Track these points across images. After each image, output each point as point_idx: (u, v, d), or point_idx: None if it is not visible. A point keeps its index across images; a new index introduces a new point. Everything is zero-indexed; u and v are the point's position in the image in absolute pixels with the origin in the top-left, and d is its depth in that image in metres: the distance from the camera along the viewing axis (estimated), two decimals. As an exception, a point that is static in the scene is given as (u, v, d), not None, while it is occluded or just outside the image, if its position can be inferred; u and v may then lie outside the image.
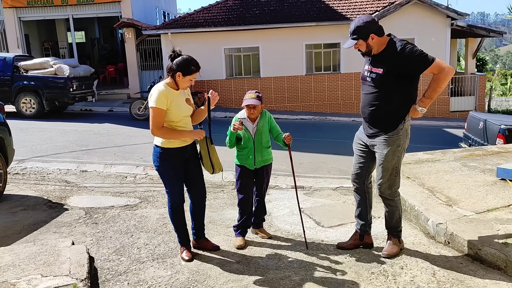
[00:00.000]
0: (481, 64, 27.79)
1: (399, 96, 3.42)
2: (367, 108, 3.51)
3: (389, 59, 3.37)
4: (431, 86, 3.38)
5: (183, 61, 3.43)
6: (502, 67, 66.39)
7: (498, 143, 8.01)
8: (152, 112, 3.41)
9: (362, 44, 3.41)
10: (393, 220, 3.64)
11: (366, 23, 3.35)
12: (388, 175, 3.51)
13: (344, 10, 17.22)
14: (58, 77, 13.10)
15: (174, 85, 3.49)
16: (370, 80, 3.48)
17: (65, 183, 6.59)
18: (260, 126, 3.92)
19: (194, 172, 3.72)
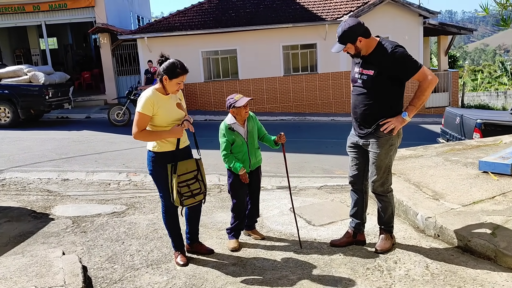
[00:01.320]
0: (452, 61, 28.50)
1: (390, 97, 3.48)
2: (359, 109, 3.56)
3: (380, 61, 3.42)
4: (416, 94, 3.45)
5: (169, 64, 3.43)
6: (471, 63, 68.24)
7: (475, 137, 8.22)
8: (137, 116, 3.45)
9: (351, 47, 3.46)
10: (386, 216, 3.71)
11: (352, 27, 3.40)
12: (381, 173, 3.57)
13: (319, 11, 17.41)
14: (33, 84, 12.81)
15: (163, 90, 3.49)
16: (361, 82, 3.52)
17: (48, 192, 6.45)
18: (250, 128, 3.93)
19: None
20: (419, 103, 3.46)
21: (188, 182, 3.54)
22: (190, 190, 3.55)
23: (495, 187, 4.60)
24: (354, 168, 3.75)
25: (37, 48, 20.96)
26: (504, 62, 38.80)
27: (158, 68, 3.47)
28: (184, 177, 3.52)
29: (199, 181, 3.61)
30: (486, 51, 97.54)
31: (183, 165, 3.54)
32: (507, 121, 8.49)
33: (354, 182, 3.79)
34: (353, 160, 3.75)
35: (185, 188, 3.53)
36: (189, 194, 3.54)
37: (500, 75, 36.38)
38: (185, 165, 3.55)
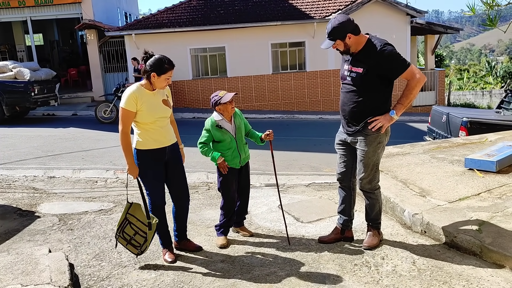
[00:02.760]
0: (439, 60, 28.79)
1: (378, 96, 3.49)
2: (348, 106, 3.57)
3: (369, 59, 3.42)
4: (404, 92, 3.47)
5: (156, 60, 3.40)
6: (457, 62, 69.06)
7: (461, 135, 8.32)
8: (120, 112, 3.45)
9: (340, 44, 3.46)
10: (374, 212, 3.73)
11: (342, 23, 3.40)
12: (369, 171, 3.60)
13: (307, 9, 17.44)
14: (18, 81, 12.63)
15: (149, 86, 3.47)
16: (350, 80, 3.53)
17: (33, 190, 6.37)
18: (238, 123, 3.94)
19: (175, 174, 3.66)
20: (407, 102, 3.48)
21: (138, 231, 3.52)
22: (132, 237, 3.53)
23: (481, 184, 4.67)
24: (342, 165, 3.77)
25: (23, 44, 20.67)
26: (490, 62, 39.35)
27: (144, 66, 3.44)
28: (138, 223, 3.52)
29: (145, 241, 3.52)
30: (472, 50, 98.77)
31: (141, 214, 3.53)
32: (492, 120, 8.62)
33: (342, 179, 3.81)
34: (341, 157, 3.77)
35: (130, 230, 3.53)
36: (128, 237, 3.54)
37: (485, 75, 36.89)
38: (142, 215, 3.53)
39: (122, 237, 3.56)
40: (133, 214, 3.55)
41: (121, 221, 3.56)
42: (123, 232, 3.55)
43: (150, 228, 3.50)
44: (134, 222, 3.53)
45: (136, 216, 3.54)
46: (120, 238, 3.58)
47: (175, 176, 3.67)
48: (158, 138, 3.53)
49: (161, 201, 3.63)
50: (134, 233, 3.52)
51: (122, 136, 3.45)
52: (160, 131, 3.54)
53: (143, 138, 3.50)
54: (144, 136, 3.50)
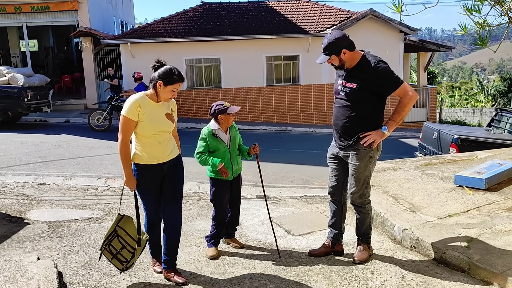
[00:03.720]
0: (431, 77, 29.14)
1: (371, 111, 3.54)
2: (341, 121, 3.62)
3: (363, 75, 3.48)
4: (396, 109, 3.52)
5: (165, 70, 3.28)
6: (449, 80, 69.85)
7: (451, 152, 8.41)
8: (121, 120, 3.29)
9: (335, 59, 3.52)
10: (364, 227, 3.76)
11: (337, 39, 3.46)
12: (360, 185, 3.63)
13: (303, 23, 17.63)
14: (11, 86, 12.58)
15: (154, 97, 3.33)
16: (343, 95, 3.58)
17: (23, 196, 6.32)
18: (233, 135, 3.98)
19: (168, 190, 3.45)
20: (399, 118, 3.53)
21: (125, 245, 3.35)
22: (118, 251, 3.36)
23: (470, 201, 4.72)
24: (333, 179, 3.80)
25: (17, 49, 20.62)
26: (481, 80, 39.88)
27: (153, 74, 3.31)
28: (127, 237, 3.35)
29: (132, 257, 3.36)
30: (463, 68, 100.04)
31: (132, 228, 3.37)
32: (482, 138, 8.72)
33: (333, 193, 3.84)
34: (333, 171, 3.80)
35: (118, 244, 3.37)
36: (114, 251, 3.37)
37: (476, 93, 37.36)
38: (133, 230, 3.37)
39: (108, 250, 3.39)
40: (123, 227, 3.38)
41: (109, 234, 3.39)
42: (109, 245, 3.38)
43: (139, 244, 3.35)
44: (123, 235, 3.36)
45: (126, 229, 3.37)
46: (105, 251, 3.39)
47: (168, 192, 3.45)
48: (155, 155, 3.36)
49: (154, 218, 3.50)
50: (122, 247, 3.36)
51: (121, 145, 3.28)
52: (158, 147, 3.36)
53: (140, 152, 3.34)
54: (141, 150, 3.34)
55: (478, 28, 4.72)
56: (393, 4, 4.41)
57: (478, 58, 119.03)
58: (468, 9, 4.34)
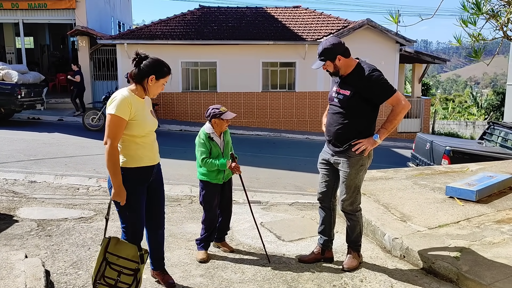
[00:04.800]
0: (425, 89, 29.36)
1: (364, 119, 3.56)
2: (333, 127, 3.63)
3: (357, 82, 3.51)
4: (388, 118, 3.55)
5: (155, 62, 3.01)
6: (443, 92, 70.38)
7: (443, 163, 8.46)
8: (110, 120, 2.89)
9: (330, 65, 3.54)
10: (354, 234, 3.76)
11: (333, 45, 3.49)
12: (351, 193, 3.64)
13: (300, 31, 17.70)
14: (5, 83, 12.49)
15: (141, 93, 3.03)
16: (337, 101, 3.60)
17: (13, 193, 6.27)
18: (227, 140, 3.99)
19: (156, 197, 3.24)
20: (391, 127, 3.55)
21: (121, 270, 2.91)
22: (116, 279, 2.90)
23: (460, 212, 4.74)
24: (323, 185, 3.81)
25: (13, 46, 20.51)
26: (475, 94, 40.23)
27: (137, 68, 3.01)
28: (123, 261, 2.93)
29: (134, 279, 2.95)
30: (457, 81, 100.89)
31: (128, 249, 2.96)
32: (474, 150, 8.78)
33: (322, 199, 3.85)
34: (323, 176, 3.81)
35: (112, 273, 2.89)
36: (111, 282, 2.89)
37: (469, 106, 37.67)
38: (130, 250, 2.96)
39: (105, 283, 2.89)
40: (113, 252, 2.92)
41: (99, 265, 2.88)
42: (103, 278, 2.88)
43: (142, 261, 2.98)
44: (115, 261, 2.91)
45: (117, 253, 2.92)
46: (101, 286, 2.88)
47: (156, 199, 3.24)
48: (149, 154, 3.09)
49: (143, 227, 3.17)
50: (118, 274, 2.91)
51: (110, 151, 2.86)
52: (151, 146, 3.12)
53: (133, 153, 3.01)
54: (134, 151, 3.01)
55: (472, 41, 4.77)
56: (390, 14, 4.45)
57: (472, 72, 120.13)
58: (464, 21, 4.39)
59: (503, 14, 4.61)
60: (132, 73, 3.03)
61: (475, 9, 4.30)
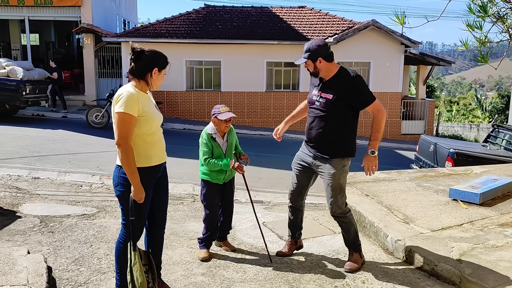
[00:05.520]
0: (430, 91, 29.26)
1: (344, 123, 3.62)
2: (315, 130, 3.67)
3: (339, 86, 3.56)
4: (375, 127, 3.61)
5: (155, 54, 2.98)
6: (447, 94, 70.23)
7: (447, 166, 8.43)
8: (120, 119, 2.82)
9: (310, 65, 3.60)
10: (351, 236, 3.78)
11: (317, 46, 3.56)
12: (337, 194, 3.66)
13: (305, 31, 17.68)
14: (10, 79, 12.56)
15: (145, 88, 2.99)
16: (318, 105, 3.64)
17: (16, 189, 6.29)
18: (230, 141, 3.95)
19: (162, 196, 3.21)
20: (380, 136, 3.62)
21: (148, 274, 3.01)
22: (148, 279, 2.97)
23: (464, 215, 4.72)
24: (297, 185, 3.88)
25: (18, 42, 20.59)
26: (479, 97, 40.08)
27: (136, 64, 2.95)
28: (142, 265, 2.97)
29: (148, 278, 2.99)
30: (462, 84, 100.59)
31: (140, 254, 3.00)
32: (478, 153, 8.75)
33: (295, 199, 3.92)
34: (298, 177, 3.86)
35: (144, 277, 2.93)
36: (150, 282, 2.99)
37: (474, 109, 37.53)
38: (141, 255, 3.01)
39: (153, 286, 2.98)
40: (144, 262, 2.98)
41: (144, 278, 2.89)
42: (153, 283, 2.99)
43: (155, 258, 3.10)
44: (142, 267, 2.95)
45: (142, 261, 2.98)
46: None
47: (163, 199, 3.21)
48: (158, 153, 3.04)
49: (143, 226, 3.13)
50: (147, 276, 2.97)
51: (126, 150, 2.82)
52: (160, 143, 3.08)
53: (143, 153, 2.96)
54: (143, 151, 2.96)
55: (479, 45, 4.74)
56: (396, 15, 4.43)
57: (477, 74, 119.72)
58: (469, 26, 4.37)
59: (510, 16, 4.58)
60: (133, 69, 2.98)
61: (481, 11, 4.28)
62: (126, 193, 2.92)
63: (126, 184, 2.91)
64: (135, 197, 2.87)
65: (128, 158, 2.83)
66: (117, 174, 2.97)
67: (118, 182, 2.96)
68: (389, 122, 18.22)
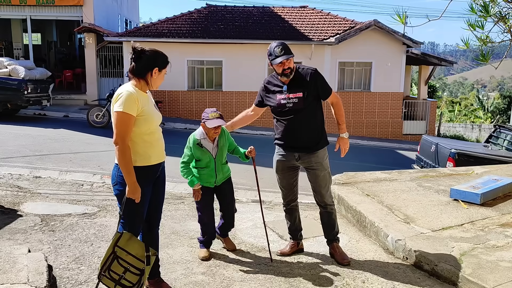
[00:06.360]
0: (431, 91, 29.22)
1: (319, 115, 3.81)
2: (299, 132, 3.74)
3: (305, 82, 3.69)
4: (338, 113, 3.86)
5: (155, 54, 2.97)
6: (449, 95, 70.11)
7: (448, 166, 8.42)
8: (118, 118, 2.82)
9: (292, 62, 3.69)
10: (336, 223, 3.95)
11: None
12: (327, 183, 3.85)
13: (306, 31, 17.68)
14: (12, 78, 12.59)
15: (145, 87, 2.98)
16: (292, 105, 3.69)
17: (18, 188, 6.30)
18: (221, 145, 3.84)
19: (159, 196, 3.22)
20: (344, 119, 3.89)
21: (128, 268, 2.88)
22: (121, 275, 2.87)
23: (464, 215, 4.72)
24: (291, 189, 4.00)
25: (20, 42, 20.64)
26: (481, 98, 40.03)
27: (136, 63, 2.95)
28: (129, 258, 2.89)
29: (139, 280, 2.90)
30: (464, 84, 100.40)
31: (139, 247, 2.94)
32: (480, 153, 8.74)
33: (293, 202, 4.07)
34: (289, 180, 3.95)
35: (119, 268, 2.87)
36: (116, 277, 2.87)
37: (476, 109, 37.47)
38: (140, 249, 2.94)
39: (109, 277, 2.87)
40: (123, 247, 2.89)
41: (107, 257, 2.87)
42: (109, 271, 2.86)
43: (148, 263, 2.95)
44: (124, 256, 2.88)
45: (127, 249, 2.89)
46: (105, 279, 2.87)
47: (159, 198, 3.22)
48: (157, 152, 3.05)
49: (141, 225, 3.11)
50: (124, 271, 2.87)
51: (123, 149, 2.82)
52: (159, 143, 3.08)
53: (142, 151, 2.96)
54: (142, 150, 2.96)
55: (480, 44, 4.74)
56: (397, 14, 4.42)
57: (479, 75, 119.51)
58: (471, 25, 4.36)
59: (511, 17, 4.57)
60: (133, 69, 2.97)
61: (483, 11, 4.27)
62: (125, 192, 2.91)
63: (124, 183, 2.90)
64: (129, 196, 2.88)
65: (124, 158, 2.83)
66: (116, 173, 2.97)
67: (117, 181, 2.97)
68: (390, 122, 18.21)
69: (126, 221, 2.96)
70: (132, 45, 2.98)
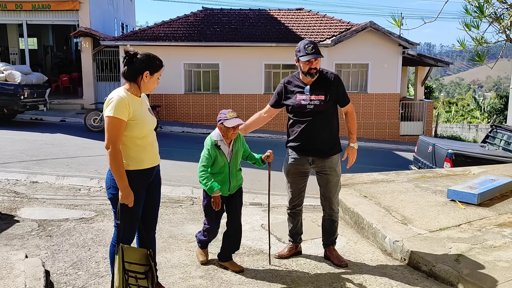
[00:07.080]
0: (428, 92, 29.30)
1: (336, 120, 3.82)
2: (319, 134, 3.72)
3: (328, 86, 3.70)
4: (352, 123, 3.85)
5: (146, 58, 2.94)
6: (446, 95, 70.27)
7: (445, 167, 8.43)
8: (109, 123, 2.82)
9: (319, 62, 3.67)
10: (336, 231, 3.96)
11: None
12: (337, 190, 3.86)
13: (302, 33, 17.71)
14: (8, 83, 12.55)
15: (137, 91, 2.96)
16: (312, 107, 3.68)
17: (15, 194, 6.28)
18: (236, 149, 3.65)
19: (154, 200, 3.19)
20: (356, 129, 3.90)
21: (137, 275, 2.90)
22: (138, 285, 2.89)
23: (462, 216, 4.73)
24: (300, 193, 4.00)
25: (16, 47, 20.60)
26: (477, 98, 40.16)
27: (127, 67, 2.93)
28: (133, 267, 2.91)
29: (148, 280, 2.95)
30: (461, 85, 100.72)
31: (134, 253, 2.95)
32: (476, 153, 8.76)
33: (295, 204, 4.05)
34: (298, 185, 3.96)
35: (132, 280, 2.88)
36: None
37: (472, 109, 37.59)
38: (136, 253, 2.96)
39: None
40: (128, 260, 2.89)
41: (121, 275, 2.82)
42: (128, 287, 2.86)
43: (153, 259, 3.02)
44: (130, 268, 2.89)
45: (128, 260, 2.89)
46: None
47: (152, 201, 3.17)
48: (150, 156, 3.02)
49: (136, 229, 3.10)
50: (136, 280, 2.89)
51: (114, 154, 2.82)
52: (152, 147, 3.04)
53: (134, 155, 2.94)
54: (135, 154, 2.95)
55: (476, 44, 4.75)
56: (393, 18, 4.44)
57: (476, 75, 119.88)
58: (467, 25, 4.38)
59: (506, 17, 4.59)
60: (125, 72, 2.95)
61: (478, 12, 4.29)
62: (118, 196, 2.90)
63: (118, 187, 2.89)
64: (123, 201, 2.87)
65: (116, 162, 2.83)
66: (110, 177, 2.96)
67: (111, 185, 2.96)
68: (387, 123, 18.24)
69: (122, 224, 2.94)
70: (125, 49, 2.97)
